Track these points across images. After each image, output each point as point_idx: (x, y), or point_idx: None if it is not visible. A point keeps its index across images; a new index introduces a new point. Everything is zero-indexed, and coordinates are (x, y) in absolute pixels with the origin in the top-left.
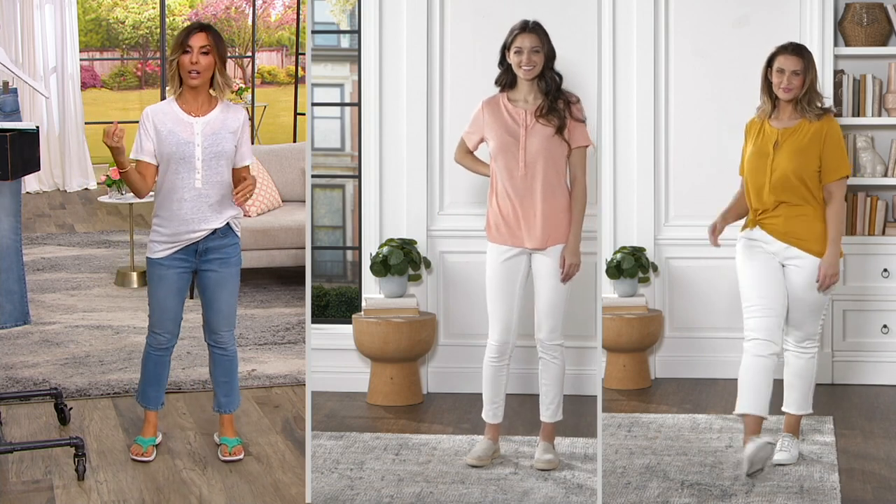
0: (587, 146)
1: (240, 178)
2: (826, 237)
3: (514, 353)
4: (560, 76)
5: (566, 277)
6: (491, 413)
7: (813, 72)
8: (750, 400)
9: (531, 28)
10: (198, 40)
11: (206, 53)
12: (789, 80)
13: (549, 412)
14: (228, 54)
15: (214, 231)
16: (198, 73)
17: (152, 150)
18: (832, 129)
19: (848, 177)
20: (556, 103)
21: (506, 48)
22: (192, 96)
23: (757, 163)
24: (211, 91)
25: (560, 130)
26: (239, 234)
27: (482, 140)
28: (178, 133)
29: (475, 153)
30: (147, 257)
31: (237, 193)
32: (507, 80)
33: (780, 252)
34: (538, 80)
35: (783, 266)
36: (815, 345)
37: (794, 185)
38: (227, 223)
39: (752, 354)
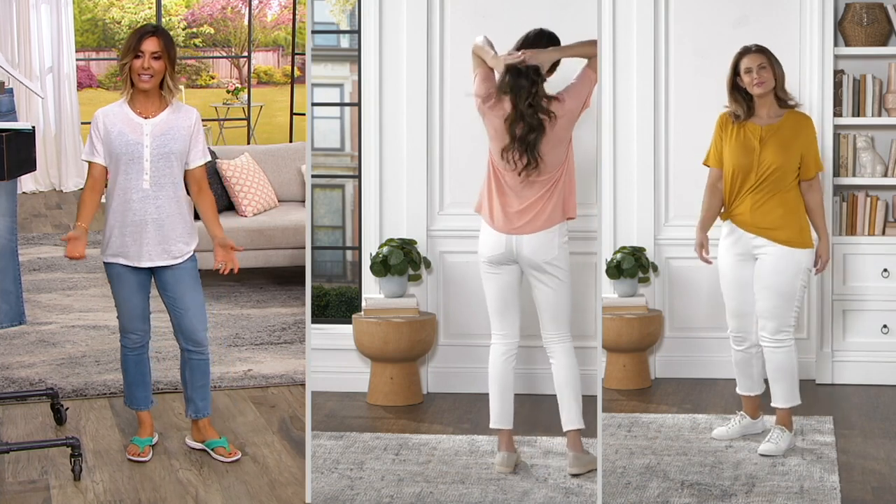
0: None
1: (194, 180)
2: (796, 226)
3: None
4: None
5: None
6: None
7: (780, 67)
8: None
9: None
10: (150, 45)
11: (157, 58)
12: (759, 74)
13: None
14: (225, 54)
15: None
16: (150, 76)
17: (103, 152)
18: (811, 126)
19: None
20: None
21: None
22: (144, 98)
23: (741, 158)
24: (162, 93)
25: None
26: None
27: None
28: (128, 134)
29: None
30: (103, 261)
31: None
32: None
33: (749, 242)
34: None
35: (754, 257)
36: (790, 337)
37: (779, 177)
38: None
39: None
